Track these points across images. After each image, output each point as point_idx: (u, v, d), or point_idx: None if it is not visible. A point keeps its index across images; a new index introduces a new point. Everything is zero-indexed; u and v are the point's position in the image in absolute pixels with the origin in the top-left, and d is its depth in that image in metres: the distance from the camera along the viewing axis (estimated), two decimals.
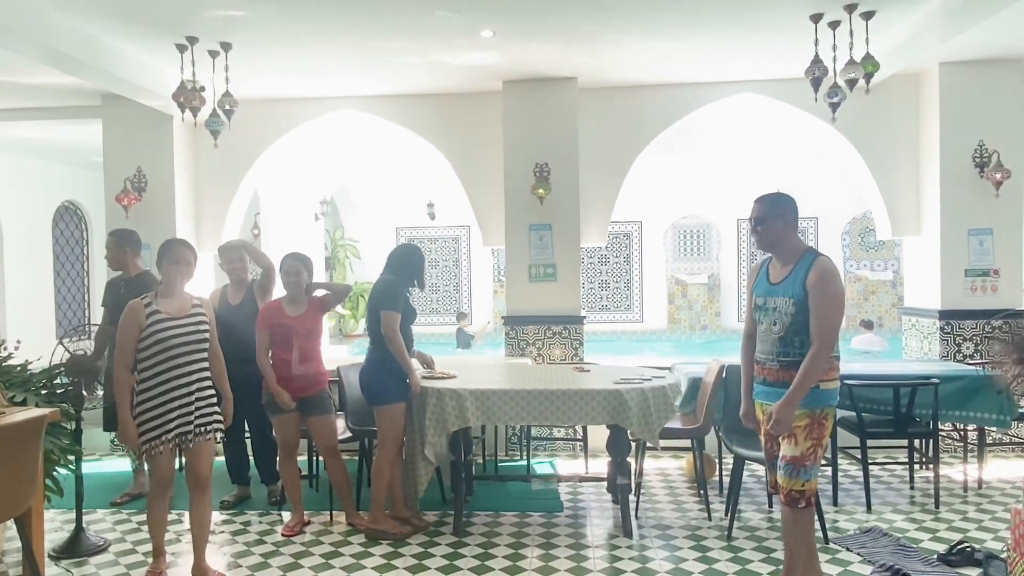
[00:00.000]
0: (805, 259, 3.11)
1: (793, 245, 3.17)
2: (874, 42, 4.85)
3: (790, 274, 3.12)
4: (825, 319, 3.00)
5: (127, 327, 3.38)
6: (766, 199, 3.24)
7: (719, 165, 11.77)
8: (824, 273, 3.03)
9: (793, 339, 3.07)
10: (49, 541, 3.91)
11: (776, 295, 3.14)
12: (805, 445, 3.05)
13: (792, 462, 3.07)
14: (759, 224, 3.20)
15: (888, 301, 12.66)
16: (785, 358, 3.10)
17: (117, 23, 4.76)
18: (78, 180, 10.19)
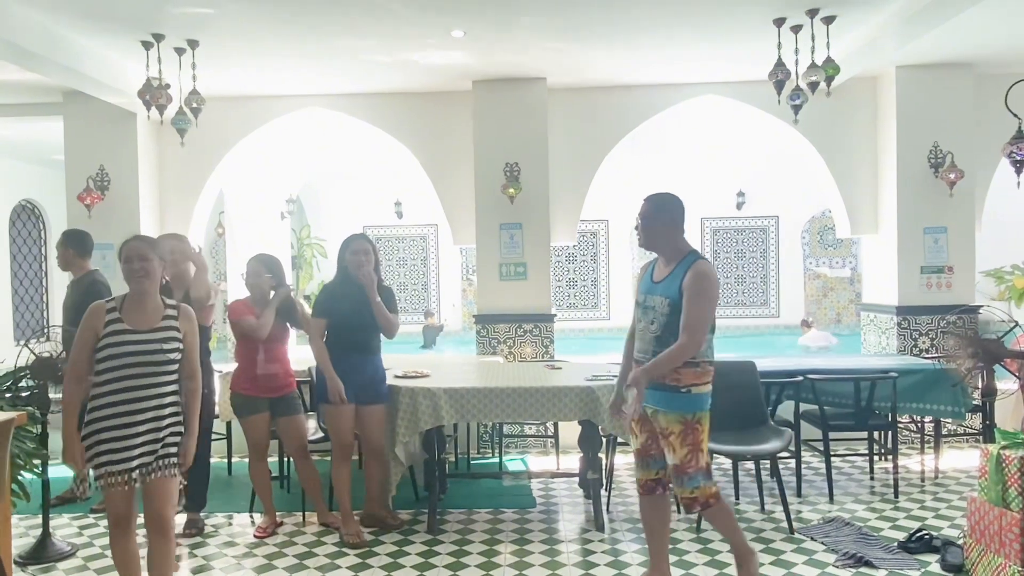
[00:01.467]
0: (686, 261, 3.13)
1: (677, 246, 3.19)
2: (835, 46, 5.00)
3: (670, 274, 3.15)
4: (694, 316, 3.02)
5: (83, 333, 2.89)
6: (652, 198, 3.25)
7: (683, 165, 11.94)
8: (699, 275, 3.05)
9: (668, 339, 3.08)
10: (15, 547, 3.83)
11: (655, 294, 3.17)
12: (683, 452, 3.08)
13: (675, 471, 3.13)
14: (643, 223, 3.22)
15: (846, 298, 12.98)
16: (645, 355, 3.15)
17: (80, 19, 4.68)
18: (37, 178, 9.94)
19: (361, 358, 4.10)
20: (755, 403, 4.57)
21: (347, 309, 4.06)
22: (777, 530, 4.17)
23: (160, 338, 2.92)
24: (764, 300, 13.08)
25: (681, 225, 3.21)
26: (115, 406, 2.85)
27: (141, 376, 2.87)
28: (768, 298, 13.08)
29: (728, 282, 13.08)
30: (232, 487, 5.20)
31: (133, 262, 2.94)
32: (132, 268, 2.94)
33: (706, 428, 3.14)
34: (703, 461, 3.12)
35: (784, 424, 4.66)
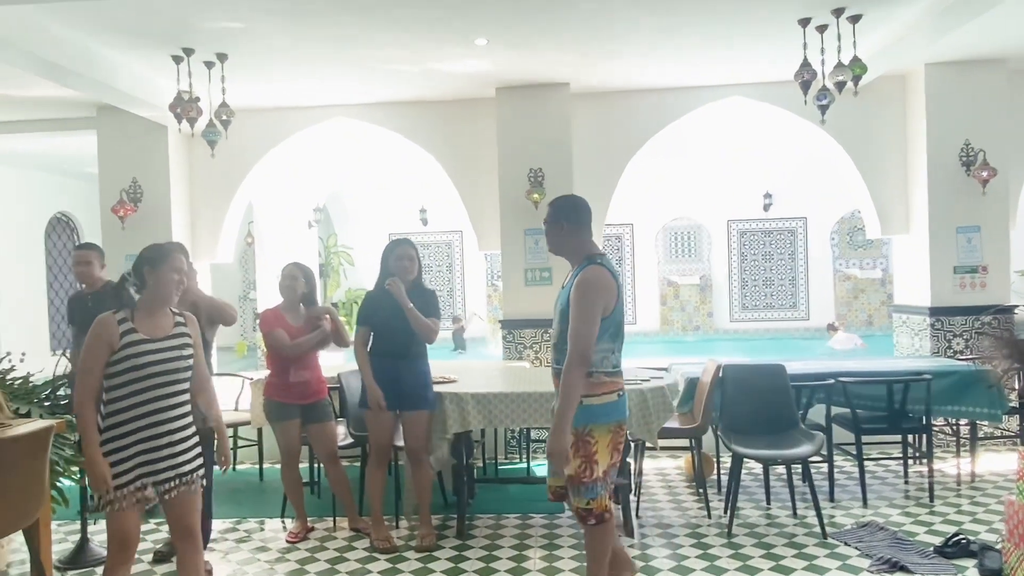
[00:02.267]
0: (581, 267, 2.96)
1: (580, 250, 3.03)
2: (861, 45, 4.94)
3: (569, 280, 3.02)
4: (574, 328, 2.83)
5: (95, 348, 2.73)
6: (553, 203, 3.14)
7: (709, 167, 11.87)
8: (580, 283, 2.87)
9: (563, 347, 2.92)
10: (55, 552, 3.92)
11: (557, 301, 3.06)
12: (575, 463, 2.91)
13: (569, 481, 2.96)
14: (545, 226, 3.11)
15: (878, 299, 12.79)
16: (558, 366, 2.99)
17: (113, 35, 4.79)
18: (71, 191, 10.18)
19: (402, 364, 4.06)
20: (786, 407, 4.52)
21: (388, 316, 4.07)
22: (810, 535, 4.12)
23: (177, 345, 2.87)
24: (793, 303, 12.93)
25: (583, 228, 3.05)
26: (140, 419, 2.76)
27: (164, 385, 2.80)
28: (797, 301, 12.92)
29: (756, 285, 12.96)
30: (264, 492, 5.27)
31: (177, 272, 2.92)
32: (173, 278, 2.90)
33: (603, 441, 2.92)
34: (599, 472, 2.92)
35: (815, 428, 4.61)
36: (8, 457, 2.94)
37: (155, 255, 2.91)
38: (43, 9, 4.30)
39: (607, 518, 2.99)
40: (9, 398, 3.64)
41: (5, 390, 3.69)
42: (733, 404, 4.56)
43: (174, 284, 2.90)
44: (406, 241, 4.20)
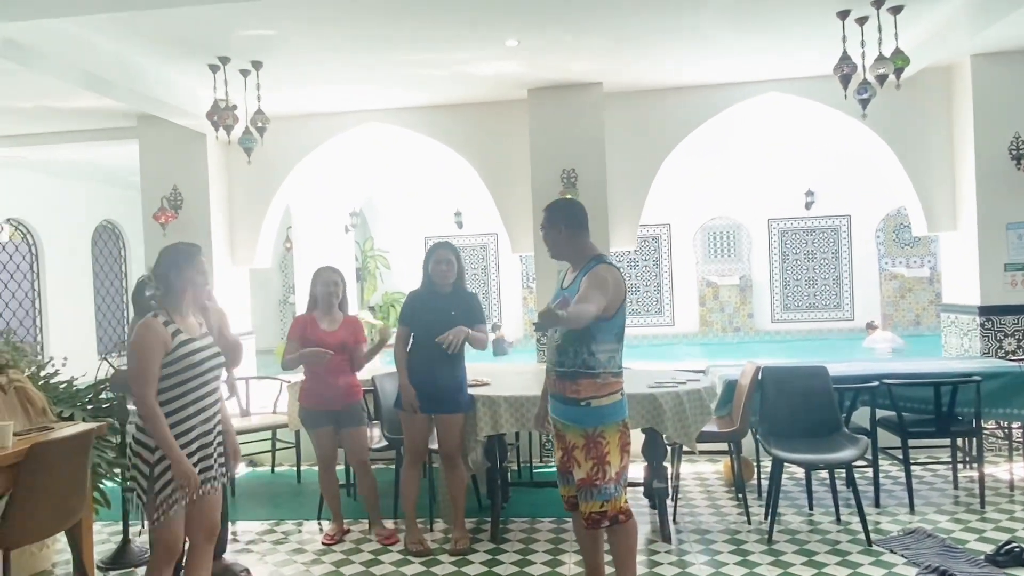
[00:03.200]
0: (588, 265, 3.03)
1: (581, 252, 3.10)
2: (903, 36, 4.79)
3: (575, 280, 3.05)
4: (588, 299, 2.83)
5: (152, 348, 2.75)
6: (550, 206, 3.21)
7: (747, 165, 11.68)
8: (592, 276, 2.94)
9: (568, 348, 2.98)
10: (97, 553, 4.00)
11: (559, 302, 3.04)
12: (587, 466, 2.96)
13: (581, 485, 3.00)
14: (543, 233, 3.16)
15: (925, 298, 12.42)
16: (561, 368, 3.02)
17: (152, 46, 4.89)
18: (116, 200, 10.46)
19: (438, 367, 4.04)
20: (828, 409, 4.40)
21: (429, 319, 4.07)
22: (854, 542, 4.00)
23: (210, 343, 2.96)
24: (837, 303, 12.64)
25: (582, 229, 3.12)
26: (197, 416, 2.82)
27: (210, 382, 2.89)
28: (842, 300, 12.63)
29: (798, 285, 12.70)
30: (301, 494, 5.32)
31: (202, 275, 2.97)
32: (199, 280, 2.95)
33: (614, 441, 2.98)
34: (612, 473, 2.96)
35: (859, 431, 4.48)
36: (52, 459, 3.02)
37: (181, 258, 2.92)
38: (85, 22, 4.41)
39: (623, 519, 2.99)
40: (53, 401, 3.73)
41: (49, 394, 3.78)
42: (773, 407, 4.46)
43: (200, 286, 2.96)
44: (443, 245, 4.18)
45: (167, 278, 2.89)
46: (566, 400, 3.02)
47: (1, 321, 8.59)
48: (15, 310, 9.09)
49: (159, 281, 2.92)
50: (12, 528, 2.91)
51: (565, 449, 3.10)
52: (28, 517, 2.95)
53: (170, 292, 2.89)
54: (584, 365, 2.96)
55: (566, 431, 3.07)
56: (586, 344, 2.95)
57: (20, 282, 9.23)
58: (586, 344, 2.95)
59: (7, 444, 3.01)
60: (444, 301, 4.08)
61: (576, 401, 2.98)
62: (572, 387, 2.99)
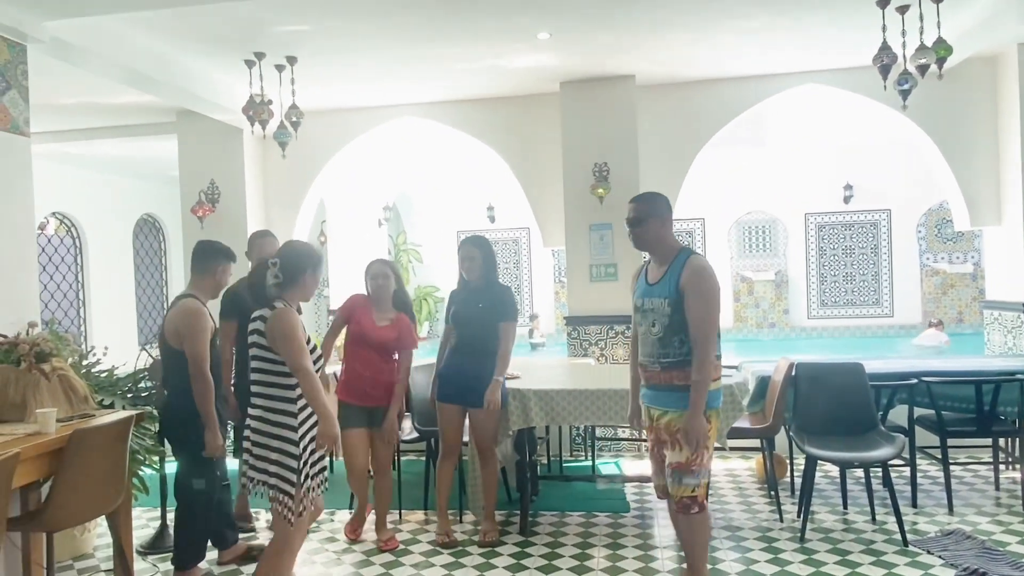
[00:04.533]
0: (679, 258, 3.09)
1: (668, 244, 3.16)
2: (946, 25, 4.66)
3: (665, 274, 3.10)
4: (702, 319, 2.99)
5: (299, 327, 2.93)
6: (640, 199, 3.25)
7: (783, 159, 11.46)
8: (697, 271, 3.02)
9: (672, 339, 3.06)
10: (136, 537, 4.10)
11: (653, 296, 3.12)
12: (687, 450, 3.02)
13: (678, 468, 3.06)
14: (635, 225, 3.19)
15: (968, 295, 12.09)
16: (666, 359, 3.09)
17: (190, 43, 4.98)
18: (156, 194, 10.68)
19: (468, 360, 4.05)
20: (864, 407, 4.32)
21: (460, 312, 4.10)
22: (889, 542, 3.92)
23: None
24: (876, 299, 12.36)
25: (670, 223, 3.20)
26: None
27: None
28: (880, 297, 12.35)
29: (836, 280, 12.45)
30: (335, 484, 5.34)
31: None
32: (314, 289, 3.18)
33: (715, 424, 3.12)
34: (705, 459, 3.07)
35: (896, 430, 4.39)
36: (93, 445, 3.09)
37: (313, 262, 3.09)
38: (127, 19, 4.51)
39: (706, 506, 3.10)
40: (94, 390, 3.83)
41: (91, 382, 3.88)
42: (808, 404, 4.39)
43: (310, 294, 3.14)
44: (468, 240, 4.17)
45: (294, 275, 3.02)
46: (672, 387, 3.08)
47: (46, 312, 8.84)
48: (60, 301, 9.35)
49: (284, 273, 3.01)
50: (55, 512, 2.99)
51: (659, 440, 3.17)
52: (70, 501, 3.03)
53: (292, 287, 3.03)
54: (691, 353, 3.03)
55: (664, 417, 3.11)
56: (689, 333, 3.04)
57: (64, 274, 9.49)
58: (689, 333, 3.04)
59: (50, 430, 3.10)
60: (474, 294, 4.10)
61: (687, 387, 3.03)
62: (680, 375, 3.05)
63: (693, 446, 3.00)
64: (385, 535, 4.15)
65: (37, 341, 3.48)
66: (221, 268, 3.78)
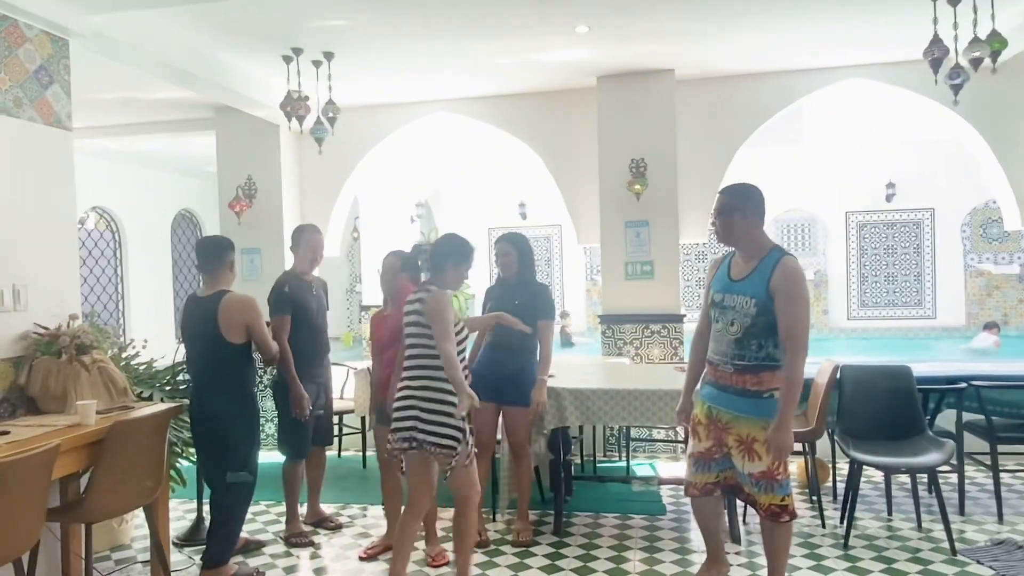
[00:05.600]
0: (770, 257, 2.94)
1: (758, 241, 3.01)
2: (1001, 17, 4.48)
3: (753, 272, 2.95)
4: (796, 324, 2.85)
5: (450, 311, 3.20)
6: (729, 190, 3.10)
7: (824, 156, 11.22)
8: (792, 274, 2.88)
9: (750, 342, 2.93)
10: (173, 529, 4.14)
11: (736, 293, 2.97)
12: (769, 458, 2.94)
13: (762, 478, 2.98)
14: (722, 216, 3.04)
15: (1014, 296, 11.73)
16: (740, 362, 2.96)
17: (228, 37, 5.00)
18: (193, 189, 10.81)
19: (502, 356, 4.01)
20: (911, 411, 4.18)
21: (495, 308, 4.05)
22: (936, 551, 3.79)
23: None
24: (918, 300, 12.06)
25: (762, 218, 3.04)
26: None
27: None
28: (923, 298, 12.04)
29: (877, 281, 12.17)
30: (367, 479, 5.39)
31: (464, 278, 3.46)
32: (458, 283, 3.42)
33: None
34: (789, 468, 3.03)
35: (944, 435, 4.24)
36: (132, 437, 3.12)
37: (464, 256, 3.34)
38: (167, 15, 4.54)
39: (795, 515, 3.05)
40: (133, 382, 3.86)
41: (130, 374, 3.92)
42: (852, 408, 4.27)
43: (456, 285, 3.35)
44: (504, 236, 4.16)
45: (437, 265, 3.30)
46: (743, 392, 2.97)
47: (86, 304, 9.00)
48: (99, 294, 9.52)
49: (434, 260, 3.30)
50: (93, 503, 3.02)
51: (719, 440, 3.08)
52: (108, 492, 3.06)
53: (437, 276, 3.29)
54: (769, 358, 2.93)
55: (736, 424, 3.01)
56: (771, 337, 2.92)
57: (104, 268, 9.66)
58: (771, 337, 2.92)
59: (90, 422, 3.13)
60: (509, 291, 4.06)
61: (759, 394, 2.95)
62: (753, 379, 2.95)
63: (777, 457, 2.92)
64: (435, 548, 3.93)
65: (78, 333, 3.52)
66: (233, 259, 3.73)
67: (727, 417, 3.03)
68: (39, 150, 3.72)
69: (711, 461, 3.13)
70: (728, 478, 3.15)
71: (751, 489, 3.03)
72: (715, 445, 3.10)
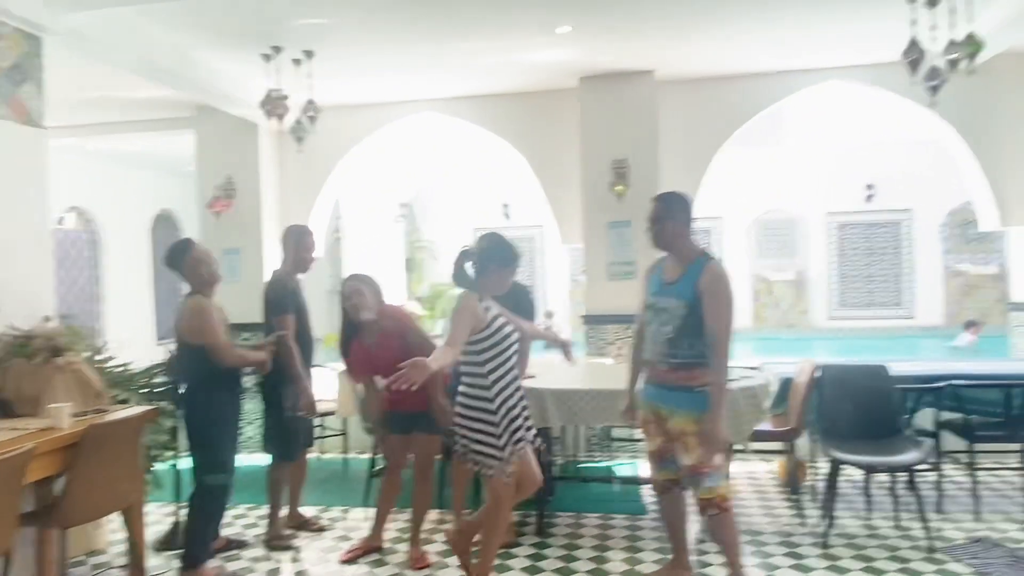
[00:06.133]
0: (698, 262, 3.13)
1: (687, 246, 3.19)
2: (977, 19, 4.53)
3: (683, 276, 3.14)
4: (721, 325, 3.04)
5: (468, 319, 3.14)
6: (661, 198, 3.29)
7: (804, 157, 11.34)
8: (717, 277, 3.07)
9: (682, 341, 3.10)
10: (149, 533, 4.08)
11: (669, 296, 3.16)
12: (698, 452, 3.08)
13: (691, 471, 3.10)
14: (656, 223, 3.21)
15: (992, 296, 11.90)
16: (674, 359, 3.13)
17: (207, 35, 4.94)
18: (173, 189, 10.68)
19: None
20: (889, 410, 4.23)
21: None
22: (915, 549, 3.83)
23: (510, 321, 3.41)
24: (897, 300, 12.20)
25: (690, 225, 3.22)
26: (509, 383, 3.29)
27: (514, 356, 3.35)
28: (901, 298, 12.19)
29: (856, 281, 12.30)
30: (348, 481, 5.35)
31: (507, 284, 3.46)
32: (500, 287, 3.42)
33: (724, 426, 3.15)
34: (719, 461, 3.13)
35: (922, 434, 4.29)
36: (107, 441, 3.07)
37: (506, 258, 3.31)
38: (145, 12, 4.47)
39: (728, 508, 3.12)
40: (109, 385, 3.80)
41: (105, 377, 3.85)
42: (831, 407, 4.30)
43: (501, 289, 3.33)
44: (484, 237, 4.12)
45: (487, 266, 3.27)
46: (678, 387, 3.13)
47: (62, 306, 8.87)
48: (76, 295, 9.39)
49: (480, 262, 3.28)
50: (68, 507, 2.97)
51: (668, 436, 3.22)
52: (83, 497, 3.01)
53: (482, 278, 3.26)
54: (699, 355, 3.08)
55: (673, 417, 3.16)
56: (700, 336, 3.08)
57: (81, 268, 9.52)
58: (700, 336, 3.08)
59: (64, 425, 3.07)
60: None
61: (690, 388, 3.10)
62: (686, 375, 3.11)
63: (710, 449, 3.06)
64: (417, 550, 3.88)
65: (52, 335, 3.46)
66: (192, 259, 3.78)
67: (666, 412, 3.20)
68: (12, 149, 3.66)
69: (665, 460, 3.29)
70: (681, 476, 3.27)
71: (688, 483, 3.18)
72: (664, 441, 3.25)
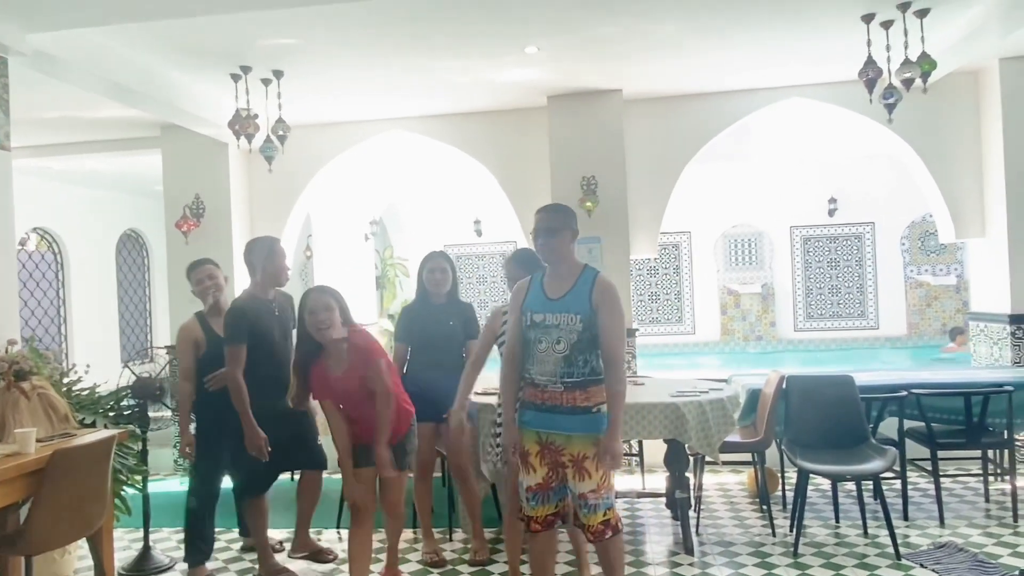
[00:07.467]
0: (586, 274, 3.00)
1: (573, 259, 3.08)
2: (930, 40, 4.71)
3: (572, 289, 2.97)
4: (615, 338, 2.93)
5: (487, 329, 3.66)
6: (553, 209, 3.16)
7: (769, 173, 11.56)
8: (610, 289, 2.96)
9: (577, 358, 2.91)
10: (118, 559, 4.01)
11: (558, 312, 2.94)
12: (598, 475, 2.93)
13: (590, 496, 2.93)
14: (550, 236, 3.02)
15: (952, 307, 12.20)
16: (569, 379, 2.92)
17: (175, 56, 4.93)
18: (139, 209, 10.56)
19: (439, 375, 3.97)
20: (854, 420, 4.31)
21: (427, 329, 4.06)
22: (882, 555, 3.90)
23: None
24: (861, 311, 12.45)
25: (575, 238, 3.12)
26: None
27: None
28: (866, 309, 12.43)
29: (822, 293, 12.53)
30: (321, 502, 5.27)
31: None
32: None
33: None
34: (612, 480, 3.01)
35: (887, 442, 4.38)
36: (74, 465, 3.02)
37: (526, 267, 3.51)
38: (111, 32, 4.46)
39: (620, 529, 3.03)
40: (75, 408, 3.75)
41: (72, 400, 3.80)
42: (798, 417, 4.38)
43: None
44: (438, 254, 4.20)
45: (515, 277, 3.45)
46: (574, 410, 2.92)
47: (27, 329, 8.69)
48: (40, 318, 9.20)
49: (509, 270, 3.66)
50: (34, 534, 2.91)
51: (554, 465, 3.00)
52: (50, 523, 2.95)
53: None
54: (593, 372, 2.95)
55: (569, 444, 2.95)
56: (595, 351, 2.95)
57: (46, 290, 9.34)
58: (595, 351, 2.95)
59: (30, 450, 3.03)
60: (441, 311, 4.09)
61: (587, 409, 2.93)
62: (582, 395, 2.92)
63: (611, 465, 2.91)
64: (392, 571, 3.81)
65: (16, 359, 3.40)
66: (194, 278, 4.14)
67: (560, 439, 2.97)
68: None
69: (548, 491, 3.03)
70: (566, 506, 3.10)
71: (581, 512, 2.98)
72: (550, 472, 3.01)
